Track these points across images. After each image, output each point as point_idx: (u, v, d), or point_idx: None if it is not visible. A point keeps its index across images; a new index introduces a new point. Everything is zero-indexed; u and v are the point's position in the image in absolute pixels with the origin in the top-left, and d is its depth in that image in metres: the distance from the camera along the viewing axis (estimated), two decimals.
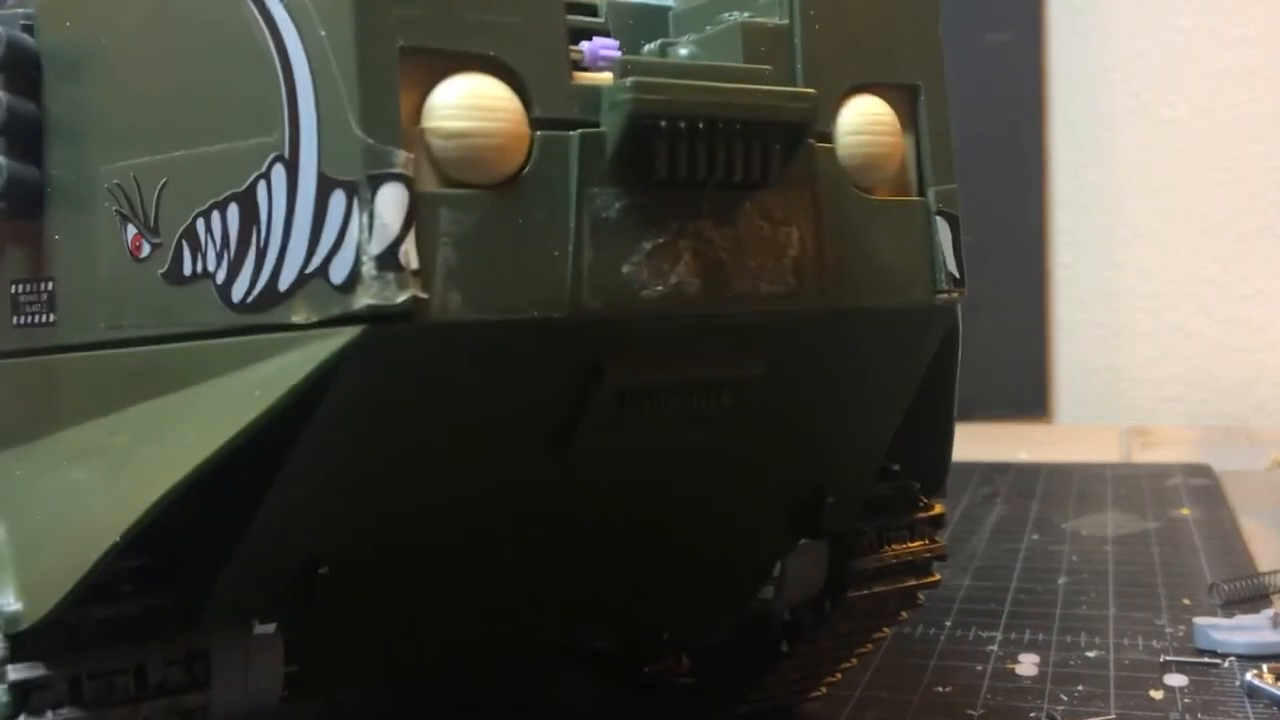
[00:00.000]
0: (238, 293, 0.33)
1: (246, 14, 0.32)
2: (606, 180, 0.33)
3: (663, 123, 0.33)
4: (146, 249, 0.36)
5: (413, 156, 0.31)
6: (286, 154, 0.32)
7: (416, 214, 0.30)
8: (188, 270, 0.34)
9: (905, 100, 0.40)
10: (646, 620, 0.51)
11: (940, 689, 0.60)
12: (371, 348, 0.31)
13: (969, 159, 1.63)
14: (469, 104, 0.31)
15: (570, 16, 0.35)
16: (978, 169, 1.46)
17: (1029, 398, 1.45)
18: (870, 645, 0.54)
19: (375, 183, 0.30)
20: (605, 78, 0.34)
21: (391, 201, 0.30)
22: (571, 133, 0.33)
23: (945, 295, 0.40)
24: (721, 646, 0.54)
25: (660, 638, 0.57)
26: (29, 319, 0.40)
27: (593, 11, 0.39)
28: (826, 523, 0.46)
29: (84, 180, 0.38)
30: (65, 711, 0.34)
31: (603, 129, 0.33)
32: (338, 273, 0.31)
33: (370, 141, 0.30)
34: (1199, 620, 0.64)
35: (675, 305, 0.34)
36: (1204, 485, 1.03)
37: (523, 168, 0.32)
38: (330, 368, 0.31)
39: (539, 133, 0.32)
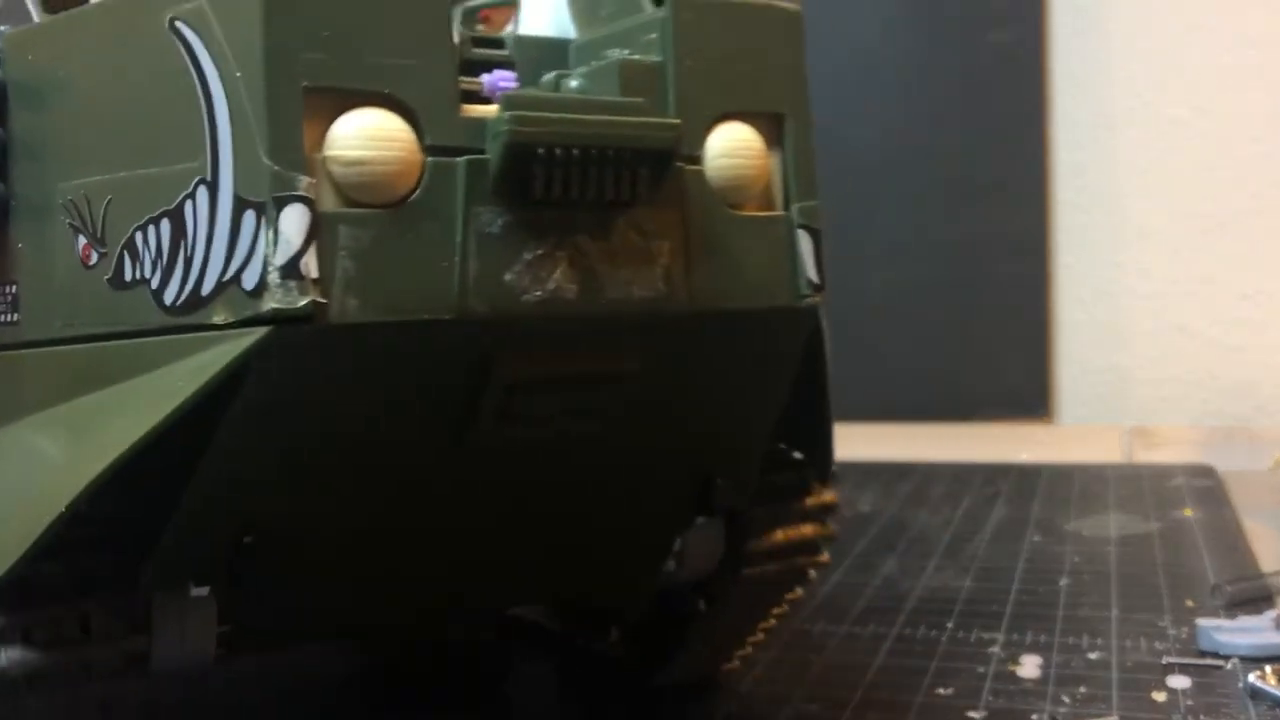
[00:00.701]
0: (169, 297, 0.38)
1: (177, 55, 0.37)
2: (490, 200, 0.38)
3: (539, 150, 0.37)
4: (95, 257, 0.41)
5: (315, 181, 0.36)
6: (208, 177, 0.37)
7: (317, 231, 0.36)
8: (128, 277, 0.40)
9: (771, 126, 0.44)
10: (557, 590, 0.56)
11: (942, 690, 0.59)
12: (277, 345, 0.36)
13: (970, 159, 1.64)
14: (365, 135, 0.36)
15: (477, 49, 0.43)
16: (979, 169, 1.46)
17: (1031, 398, 1.45)
18: (773, 620, 0.60)
19: (280, 203, 0.35)
20: (493, 109, 0.39)
21: (294, 220, 0.35)
22: (459, 159, 0.38)
23: (807, 299, 0.45)
24: (643, 620, 0.58)
25: (582, 609, 0.62)
26: None
27: (499, 45, 0.45)
28: (716, 502, 0.52)
29: (44, 196, 0.42)
30: (18, 650, 0.39)
31: (487, 156, 0.38)
32: (249, 280, 0.36)
33: (275, 168, 0.35)
34: (1202, 621, 0.64)
35: (553, 308, 0.39)
36: (1207, 486, 1.02)
37: (415, 189, 0.37)
38: (243, 363, 0.36)
39: (430, 159, 0.37)
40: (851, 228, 1.50)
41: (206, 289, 0.37)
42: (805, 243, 0.45)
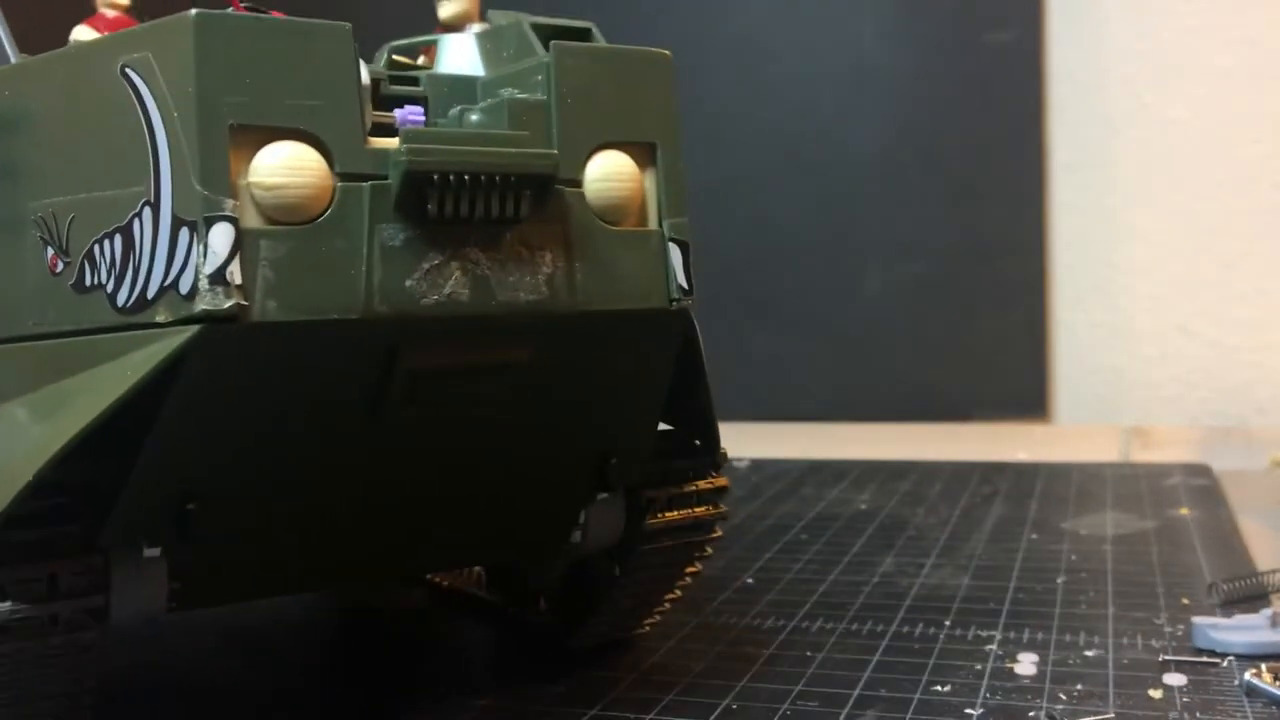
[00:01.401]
0: (121, 299, 0.45)
1: (126, 96, 0.44)
2: (391, 218, 0.45)
3: (434, 176, 0.44)
4: (61, 266, 0.47)
5: (239, 203, 0.43)
6: (152, 199, 0.44)
7: (241, 245, 0.42)
8: (88, 282, 0.46)
9: (645, 154, 0.52)
10: (472, 556, 0.64)
11: (939, 688, 0.60)
12: (207, 341, 0.42)
13: (968, 159, 1.64)
14: (283, 165, 0.43)
15: (395, 86, 0.51)
16: (977, 169, 1.46)
17: (1028, 398, 1.45)
18: (678, 590, 0.66)
19: (209, 222, 0.42)
20: (391, 143, 0.45)
21: (221, 235, 0.42)
22: (365, 184, 0.44)
23: (677, 302, 0.52)
24: (561, 587, 0.66)
25: (514, 581, 0.70)
26: None
27: (415, 82, 0.52)
28: (611, 479, 0.58)
29: (17, 213, 0.49)
30: None
31: (389, 181, 0.45)
32: (184, 286, 0.43)
33: (205, 193, 0.42)
34: (1198, 620, 0.64)
35: (448, 309, 0.46)
36: (1203, 485, 1.03)
37: (326, 210, 0.44)
38: (178, 355, 0.43)
39: (340, 184, 0.44)
40: (850, 228, 1.50)
41: (151, 293, 0.44)
42: (676, 254, 0.52)
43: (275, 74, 0.43)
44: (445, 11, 0.59)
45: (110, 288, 0.45)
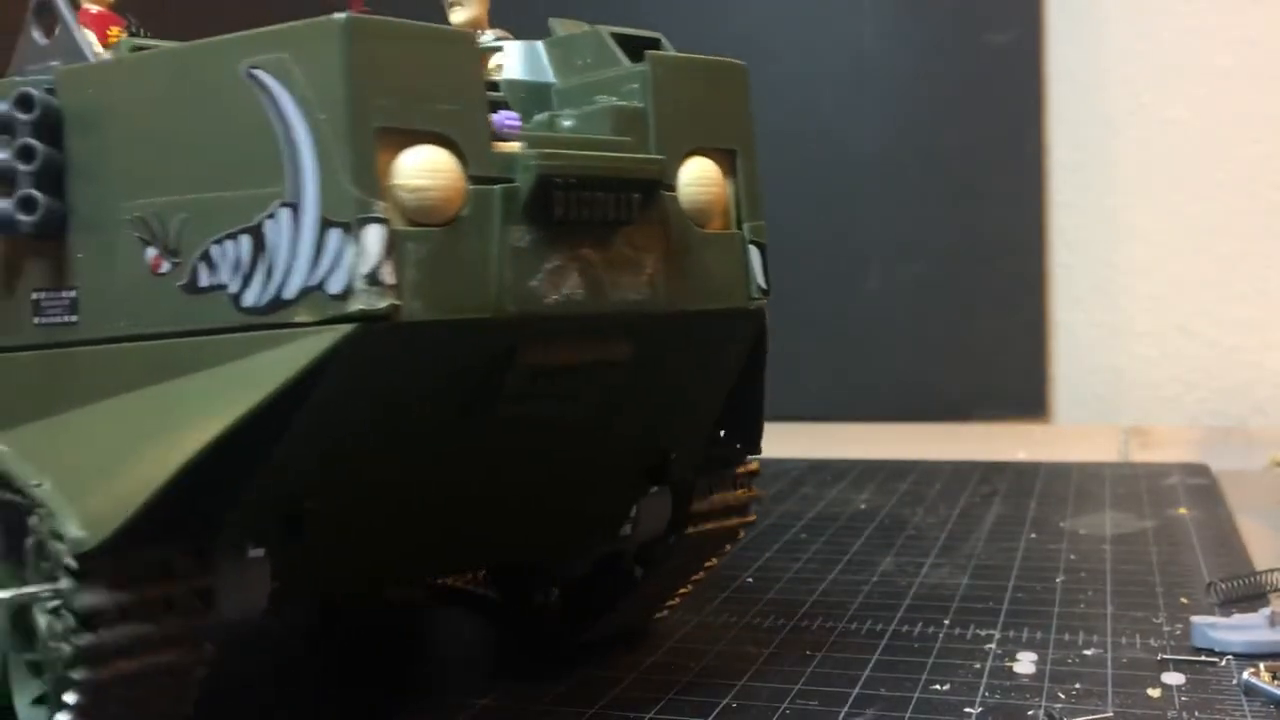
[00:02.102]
0: (249, 300, 0.45)
1: (253, 97, 0.44)
2: (519, 220, 0.46)
3: (560, 180, 0.46)
4: (167, 266, 0.47)
5: (387, 205, 0.43)
6: (292, 200, 0.44)
7: (391, 245, 0.43)
8: (204, 283, 0.46)
9: (727, 160, 0.54)
10: (542, 546, 0.64)
11: (938, 687, 0.60)
12: (359, 340, 0.43)
13: (968, 159, 1.64)
14: (424, 168, 0.44)
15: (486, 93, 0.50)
16: (977, 169, 1.46)
17: (1028, 397, 1.45)
18: (702, 574, 0.68)
19: (363, 223, 0.43)
20: (515, 146, 0.47)
21: (374, 236, 0.43)
22: (494, 187, 0.45)
23: (756, 301, 0.54)
24: (582, 579, 0.67)
25: (521, 574, 0.70)
26: (51, 319, 0.51)
27: (495, 88, 0.53)
28: (671, 474, 0.60)
29: (106, 213, 0.49)
30: (115, 594, 0.45)
31: (517, 184, 0.46)
32: (334, 286, 0.43)
33: (358, 194, 0.43)
34: (1197, 619, 0.65)
35: (566, 309, 0.47)
36: (1202, 485, 1.03)
37: (460, 212, 0.45)
38: (330, 354, 0.43)
39: (472, 187, 0.45)
40: (850, 228, 1.50)
41: (290, 293, 0.44)
42: (755, 255, 0.54)
43: (416, 78, 0.44)
44: (458, 18, 0.60)
45: (234, 288, 0.45)
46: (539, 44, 0.57)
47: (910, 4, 1.48)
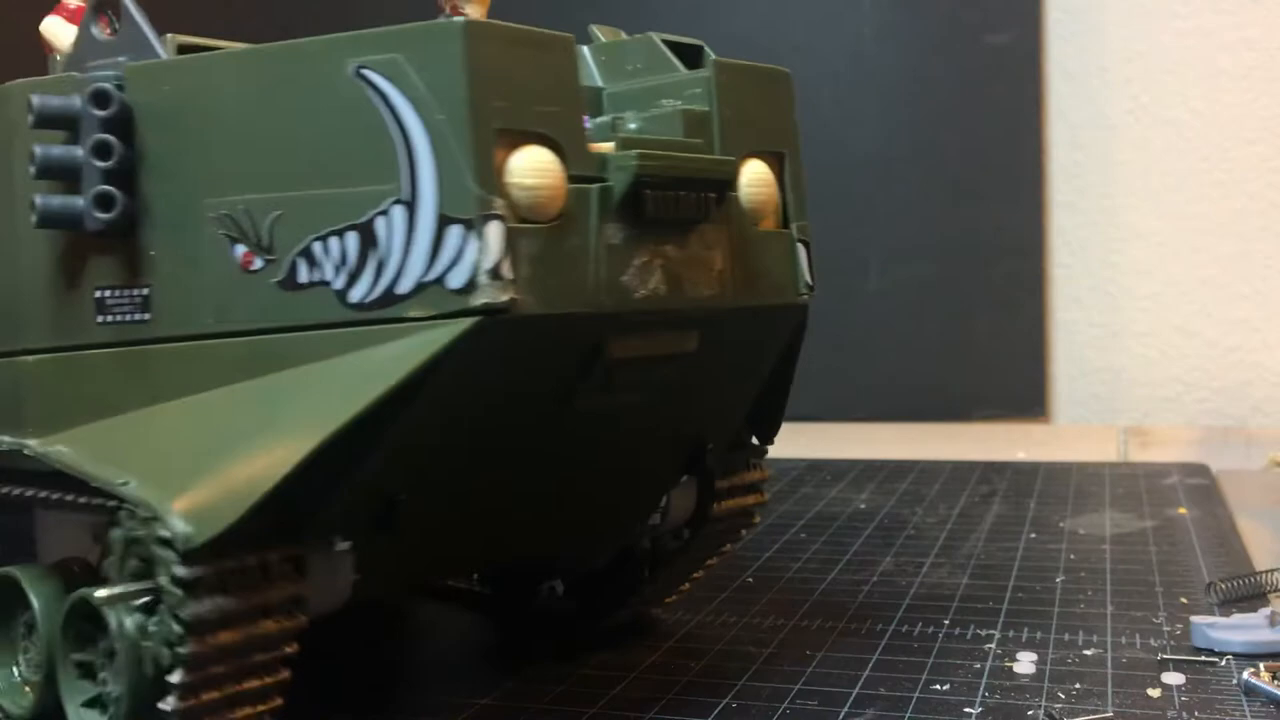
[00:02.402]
0: (355, 295, 0.46)
1: (363, 96, 0.45)
2: (613, 219, 0.48)
3: (651, 180, 0.48)
4: (260, 263, 0.47)
5: (504, 202, 0.44)
6: (407, 198, 0.45)
7: (508, 242, 0.44)
8: (303, 279, 0.47)
9: (777, 163, 0.56)
10: (596, 535, 0.65)
11: (938, 687, 0.60)
12: (478, 333, 0.44)
13: (968, 159, 1.63)
14: (534, 167, 0.45)
15: None
16: (976, 170, 1.46)
17: (1027, 397, 1.45)
18: (716, 559, 0.71)
19: (484, 220, 0.44)
20: (608, 147, 0.49)
21: (495, 233, 0.44)
22: (592, 186, 0.47)
23: (804, 296, 0.58)
24: (597, 572, 0.68)
25: (549, 565, 0.71)
26: (118, 318, 0.50)
27: None
28: (707, 463, 0.63)
29: (185, 210, 0.49)
30: (217, 594, 0.45)
31: (610, 184, 0.48)
32: (455, 280, 0.44)
33: (480, 192, 0.44)
34: (1196, 619, 0.65)
35: (651, 304, 0.49)
36: (1201, 485, 1.03)
37: (562, 210, 0.46)
38: (451, 347, 0.44)
39: (572, 186, 0.46)
40: (849, 228, 1.50)
41: (403, 288, 0.45)
42: (802, 252, 0.57)
43: (525, 80, 0.46)
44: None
45: (339, 284, 0.46)
46: (584, 48, 0.58)
47: (910, 4, 1.48)
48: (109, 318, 0.51)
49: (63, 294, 0.52)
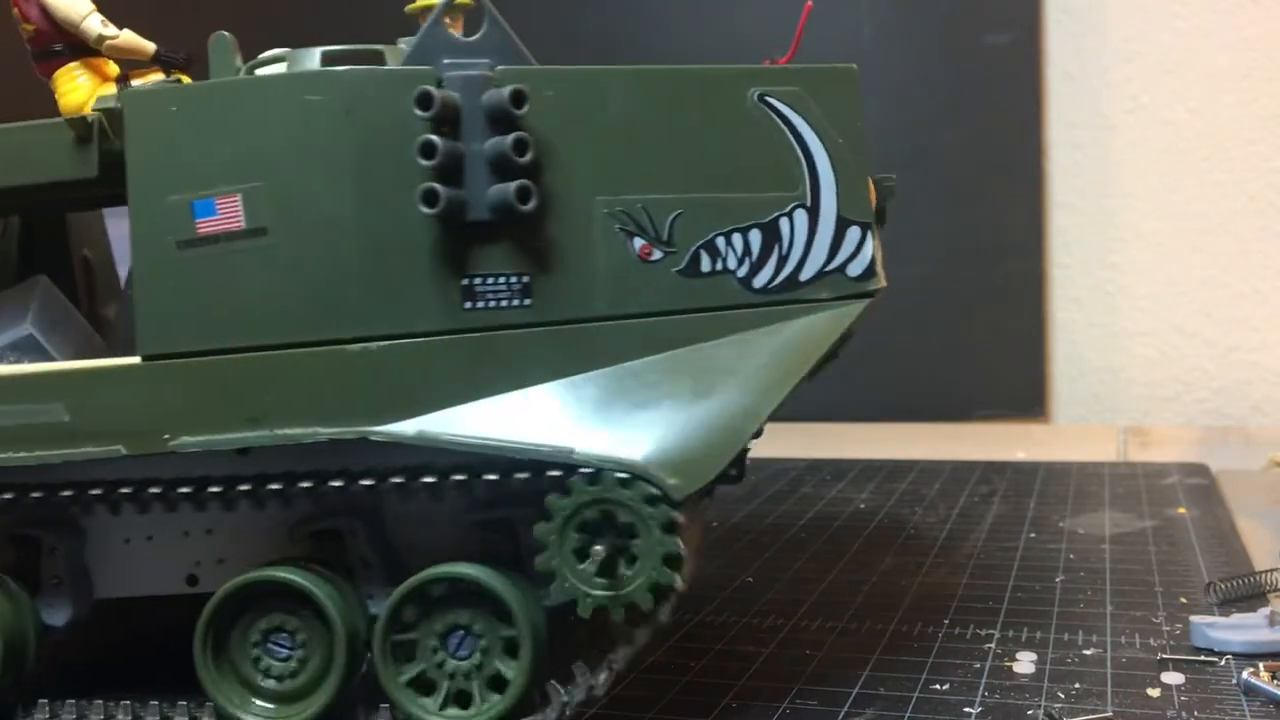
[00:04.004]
0: (759, 282, 0.54)
1: (767, 119, 0.54)
2: None
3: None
4: (657, 254, 0.53)
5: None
6: (808, 204, 0.54)
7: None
8: (705, 269, 0.54)
9: None
10: None
11: (938, 686, 0.60)
12: (864, 310, 0.56)
13: (968, 159, 1.63)
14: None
15: None
16: (976, 170, 1.46)
17: (1026, 397, 1.45)
18: None
19: (871, 224, 0.56)
20: None
21: (873, 234, 0.56)
22: None
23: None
24: None
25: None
26: (492, 304, 0.53)
27: None
28: None
29: (573, 205, 0.53)
30: (687, 540, 0.52)
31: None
32: (855, 270, 0.55)
33: (870, 203, 0.55)
34: (1196, 619, 0.65)
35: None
36: (1201, 485, 1.03)
37: None
38: (853, 321, 0.55)
39: None
40: None
41: (805, 276, 0.54)
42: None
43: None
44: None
45: (742, 272, 0.54)
46: None
47: (910, 4, 1.48)
48: (478, 304, 0.53)
49: (432, 283, 0.52)
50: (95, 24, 0.60)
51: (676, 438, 0.52)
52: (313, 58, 0.55)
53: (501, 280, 0.53)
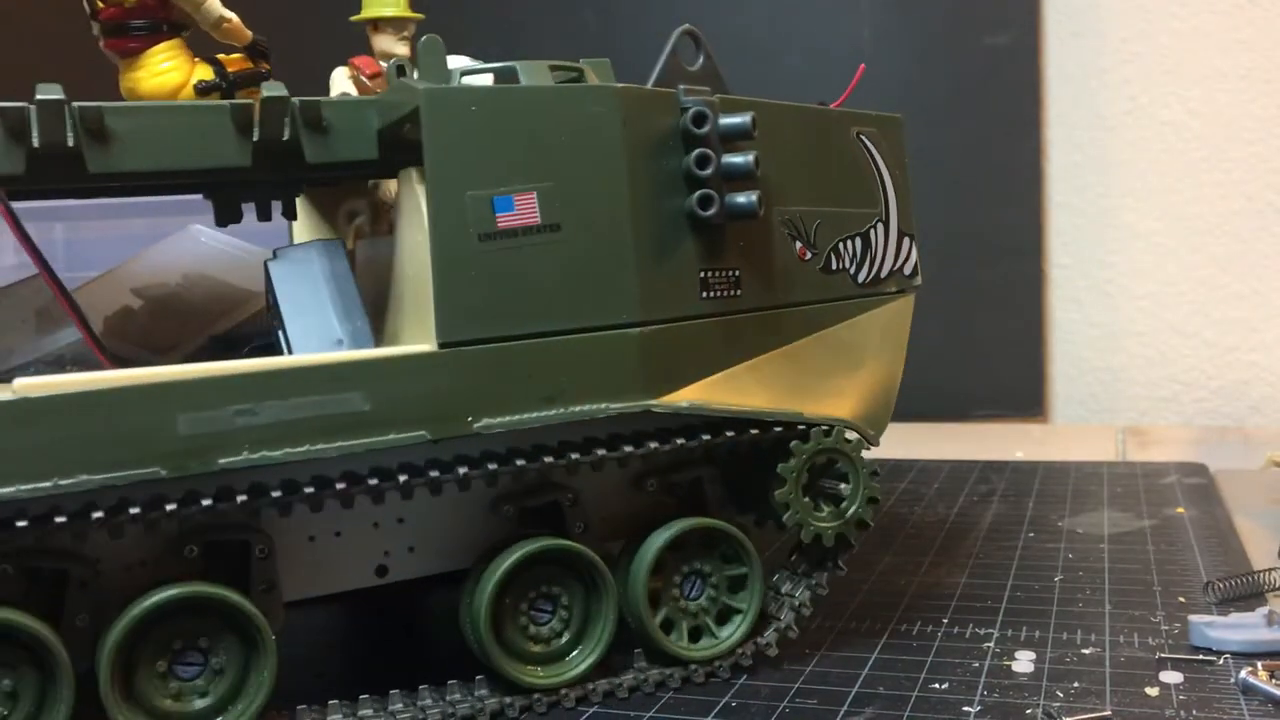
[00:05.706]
0: (861, 278, 0.69)
1: (862, 151, 0.70)
2: None
3: None
4: (809, 255, 0.67)
5: None
6: (884, 218, 0.70)
7: None
8: (833, 267, 0.68)
9: None
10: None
11: (937, 685, 0.60)
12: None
13: (967, 159, 1.63)
14: None
15: None
16: (975, 170, 1.46)
17: (1025, 397, 1.45)
18: None
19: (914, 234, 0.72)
20: None
21: (915, 242, 0.73)
22: None
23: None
24: None
25: None
26: (718, 293, 0.62)
27: None
28: None
29: (766, 214, 0.63)
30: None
31: None
32: (908, 269, 0.72)
33: (912, 219, 0.72)
34: (1194, 618, 0.65)
35: None
36: (1199, 484, 1.03)
37: None
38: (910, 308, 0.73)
39: None
40: None
41: (883, 273, 0.70)
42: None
43: None
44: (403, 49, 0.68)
45: (852, 270, 0.69)
46: None
47: (909, 4, 1.48)
48: (710, 293, 0.62)
49: (680, 275, 0.61)
50: (219, 3, 0.59)
51: (864, 399, 0.69)
52: (542, 71, 0.60)
53: (724, 274, 0.62)
